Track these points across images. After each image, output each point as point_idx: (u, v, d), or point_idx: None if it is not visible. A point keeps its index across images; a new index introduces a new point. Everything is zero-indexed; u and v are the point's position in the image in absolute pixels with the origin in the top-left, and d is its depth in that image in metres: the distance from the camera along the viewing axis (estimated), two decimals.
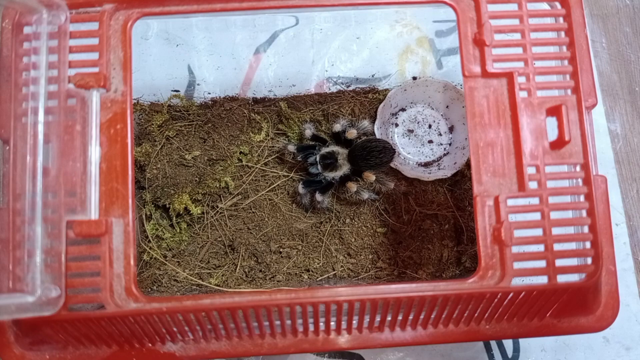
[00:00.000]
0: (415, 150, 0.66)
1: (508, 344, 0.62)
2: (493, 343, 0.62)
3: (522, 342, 0.62)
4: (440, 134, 0.66)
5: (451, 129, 0.66)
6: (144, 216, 0.63)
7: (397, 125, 0.66)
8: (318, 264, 0.63)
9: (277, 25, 0.65)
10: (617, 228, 0.65)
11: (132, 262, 0.37)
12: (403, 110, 0.67)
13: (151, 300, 0.37)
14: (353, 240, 0.64)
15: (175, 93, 0.64)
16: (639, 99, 0.68)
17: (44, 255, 0.35)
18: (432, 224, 0.63)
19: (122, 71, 0.39)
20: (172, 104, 0.64)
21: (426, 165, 0.66)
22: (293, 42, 0.65)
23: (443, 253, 0.63)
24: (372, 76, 0.66)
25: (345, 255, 0.63)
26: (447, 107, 0.66)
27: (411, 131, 0.66)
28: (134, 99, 0.64)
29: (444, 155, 0.66)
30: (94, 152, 0.38)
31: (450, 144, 0.66)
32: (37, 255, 0.35)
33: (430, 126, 0.66)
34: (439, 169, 0.64)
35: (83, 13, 0.39)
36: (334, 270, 0.63)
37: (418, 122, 0.66)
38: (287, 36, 0.65)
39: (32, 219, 0.36)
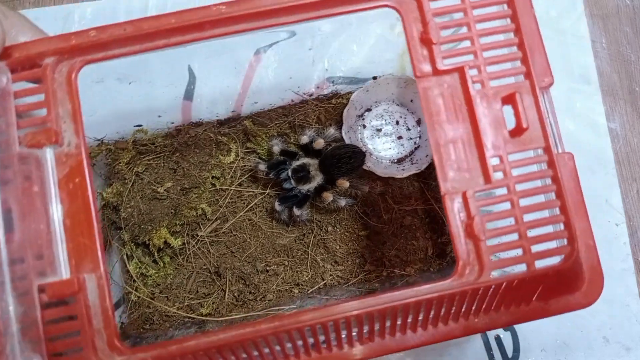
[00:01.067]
0: (386, 148, 0.66)
1: (508, 344, 0.62)
2: (493, 343, 0.62)
3: (522, 342, 0.62)
4: (409, 129, 0.66)
5: (419, 122, 0.66)
6: (125, 256, 0.62)
7: (364, 126, 0.66)
8: (307, 276, 0.63)
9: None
10: (617, 228, 0.65)
11: (110, 315, 0.36)
12: (369, 110, 0.66)
13: (136, 351, 0.36)
14: (338, 247, 0.63)
15: (138, 128, 0.63)
16: (639, 99, 0.68)
17: (19, 325, 0.35)
18: (413, 219, 0.63)
19: (73, 123, 0.38)
20: (137, 139, 0.64)
21: (399, 161, 0.66)
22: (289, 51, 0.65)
23: (428, 247, 0.63)
24: (374, 78, 0.66)
25: (333, 264, 0.63)
26: (411, 101, 0.66)
27: (379, 130, 0.66)
28: (98, 140, 0.63)
29: (415, 149, 0.66)
30: (56, 211, 0.37)
31: (419, 137, 0.66)
32: (13, 325, 0.35)
33: (397, 122, 0.66)
34: (412, 163, 0.64)
35: (25, 71, 0.39)
36: (323, 280, 0.63)
37: (385, 120, 0.66)
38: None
39: (1, 290, 0.35)
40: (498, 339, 0.62)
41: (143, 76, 0.62)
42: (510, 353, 0.62)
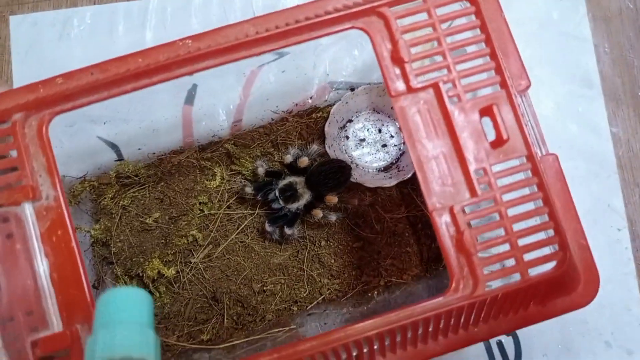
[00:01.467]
0: (371, 157, 0.66)
1: (510, 349, 0.62)
2: (495, 349, 0.62)
3: (524, 346, 0.62)
4: (392, 136, 0.66)
5: (401, 128, 0.66)
6: None
7: (347, 137, 0.66)
8: (304, 292, 0.63)
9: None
10: (619, 233, 0.64)
11: None
12: (350, 121, 0.66)
13: None
14: (333, 261, 0.63)
15: (119, 162, 0.63)
16: None
17: None
18: (405, 226, 0.63)
19: (49, 176, 0.38)
20: (119, 172, 0.63)
21: (386, 169, 0.65)
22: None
23: (423, 252, 0.63)
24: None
25: (329, 278, 0.63)
26: (392, 108, 0.65)
27: (363, 140, 0.66)
28: (80, 178, 0.63)
29: (401, 155, 0.65)
30: (42, 265, 0.37)
31: (404, 143, 0.66)
32: None
33: (380, 131, 0.66)
34: (399, 170, 0.64)
35: None
36: (321, 294, 0.63)
37: (368, 130, 0.66)
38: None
39: None
40: (500, 344, 0.62)
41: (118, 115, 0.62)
42: (512, 358, 0.61)
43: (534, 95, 0.66)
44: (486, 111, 0.38)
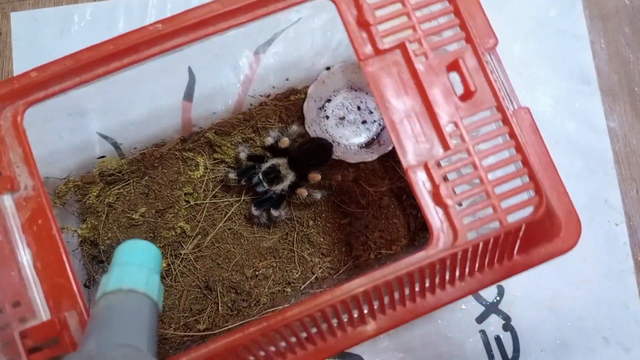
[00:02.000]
0: (352, 135, 0.66)
1: (508, 344, 0.62)
2: (493, 344, 0.62)
3: (522, 342, 0.62)
4: (371, 112, 0.66)
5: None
6: None
7: (327, 117, 0.66)
8: (297, 274, 0.63)
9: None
10: (617, 228, 0.64)
11: None
12: (329, 101, 0.67)
13: None
14: (322, 239, 0.64)
15: (101, 159, 0.63)
16: (638, 99, 0.68)
17: None
18: (390, 199, 0.64)
19: (26, 166, 0.38)
20: (103, 170, 0.63)
21: (367, 145, 0.66)
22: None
23: (409, 223, 0.63)
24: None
25: (320, 257, 0.63)
26: (368, 84, 0.66)
27: (342, 118, 0.66)
28: (64, 179, 0.63)
29: (381, 130, 0.66)
30: (25, 255, 0.37)
31: (382, 118, 0.66)
32: None
33: (359, 108, 0.67)
34: (380, 145, 0.65)
35: None
36: (313, 274, 0.63)
37: (347, 108, 0.66)
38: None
39: None
40: (498, 339, 0.62)
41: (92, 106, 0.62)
42: (510, 354, 0.62)
43: (530, 92, 0.68)
44: (453, 66, 0.39)
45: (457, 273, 0.42)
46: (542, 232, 0.44)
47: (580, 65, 0.69)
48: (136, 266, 0.36)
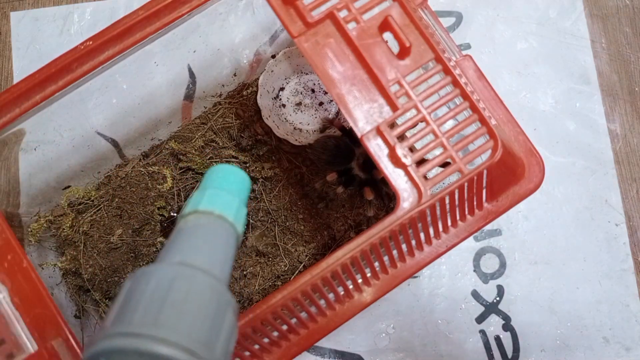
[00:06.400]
0: (312, 119, 0.66)
1: (508, 344, 0.62)
2: (493, 344, 0.62)
3: (522, 342, 0.62)
4: (325, 92, 0.66)
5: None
6: (103, 315, 0.61)
7: (284, 105, 0.66)
8: (285, 266, 0.63)
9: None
10: (617, 228, 0.65)
11: None
12: (282, 89, 0.67)
13: None
14: (302, 227, 0.64)
15: (67, 189, 0.62)
16: (638, 100, 0.68)
17: None
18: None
19: None
20: (71, 201, 0.63)
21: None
22: None
23: (383, 193, 0.63)
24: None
25: (304, 244, 0.64)
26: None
27: (299, 104, 0.66)
28: (35, 216, 0.62)
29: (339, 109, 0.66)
30: (1, 293, 0.37)
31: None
32: None
33: (313, 90, 0.67)
34: (342, 122, 0.65)
35: None
36: (300, 262, 0.63)
37: (301, 93, 0.67)
38: None
39: None
40: (498, 339, 0.62)
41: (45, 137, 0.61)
42: (510, 353, 0.62)
43: (531, 92, 0.68)
44: (385, 26, 0.39)
45: (432, 231, 0.43)
46: (507, 176, 0.44)
47: (580, 65, 0.69)
48: (230, 194, 0.34)
